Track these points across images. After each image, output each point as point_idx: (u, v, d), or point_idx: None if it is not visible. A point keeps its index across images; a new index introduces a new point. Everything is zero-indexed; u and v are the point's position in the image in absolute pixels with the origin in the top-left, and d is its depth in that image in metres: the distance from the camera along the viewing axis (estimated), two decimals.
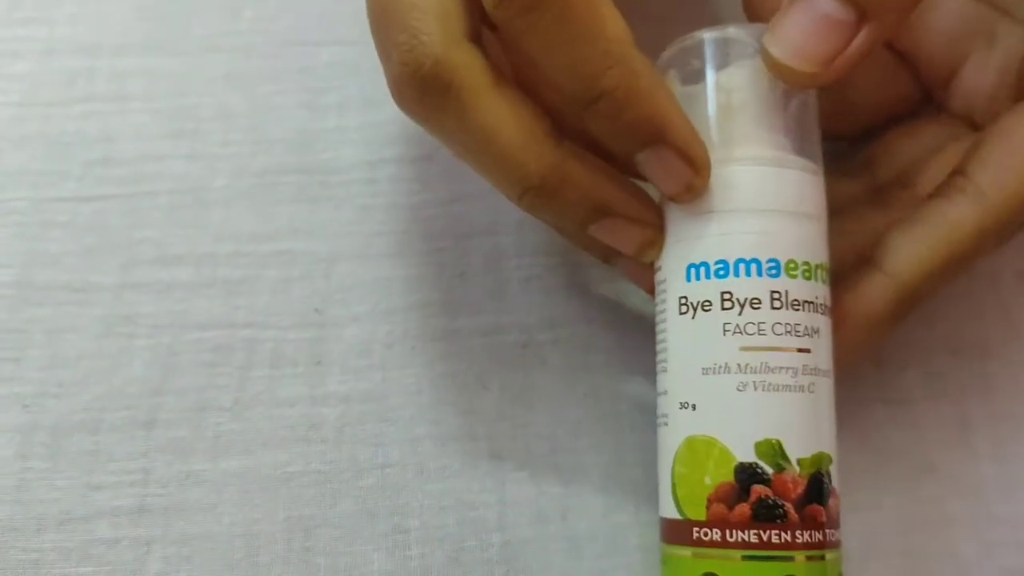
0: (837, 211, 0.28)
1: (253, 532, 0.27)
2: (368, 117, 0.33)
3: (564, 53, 0.22)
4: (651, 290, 0.26)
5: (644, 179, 0.24)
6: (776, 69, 0.23)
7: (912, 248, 0.25)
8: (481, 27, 0.23)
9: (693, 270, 0.24)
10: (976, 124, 0.29)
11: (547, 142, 0.23)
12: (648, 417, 0.29)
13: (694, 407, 0.23)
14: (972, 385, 0.30)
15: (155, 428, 0.28)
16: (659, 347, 0.25)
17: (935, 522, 0.28)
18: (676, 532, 0.24)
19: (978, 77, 0.29)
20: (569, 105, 0.23)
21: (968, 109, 0.29)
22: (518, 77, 0.24)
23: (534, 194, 0.24)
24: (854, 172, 0.30)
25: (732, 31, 0.25)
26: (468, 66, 0.22)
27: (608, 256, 0.27)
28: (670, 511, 0.24)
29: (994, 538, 0.28)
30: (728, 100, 0.24)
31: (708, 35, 0.25)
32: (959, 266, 0.26)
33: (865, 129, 0.31)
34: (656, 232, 0.25)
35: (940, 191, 0.26)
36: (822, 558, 0.23)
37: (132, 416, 0.28)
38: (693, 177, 0.23)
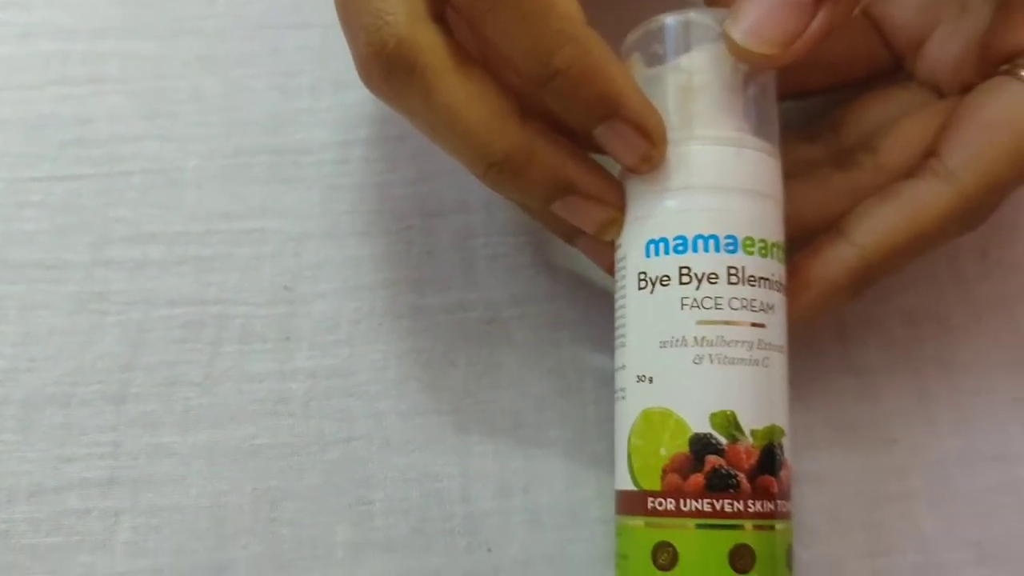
0: (801, 174, 0.28)
1: (220, 504, 0.27)
2: (339, 98, 0.33)
3: (518, 33, 0.22)
4: (611, 269, 0.26)
5: (605, 153, 0.25)
6: (737, 52, 0.24)
7: (879, 221, 0.26)
8: (446, 7, 0.24)
9: (652, 246, 0.24)
10: (942, 92, 0.29)
11: (511, 120, 0.24)
12: (611, 393, 0.29)
13: (651, 380, 0.24)
14: (932, 358, 0.30)
15: (125, 402, 0.28)
16: (618, 322, 0.25)
17: (895, 495, 0.28)
18: (631, 503, 0.24)
19: (945, 46, 0.29)
20: (527, 84, 0.23)
21: (934, 77, 0.29)
22: (485, 56, 0.25)
23: (498, 171, 0.24)
24: (819, 137, 0.30)
25: (694, 15, 0.25)
26: (432, 46, 0.23)
27: (570, 235, 0.27)
28: (625, 483, 0.24)
29: (955, 511, 0.28)
30: (689, 82, 0.25)
31: (671, 19, 0.25)
32: (924, 245, 0.26)
33: (832, 87, 0.31)
34: (617, 211, 0.25)
35: (913, 171, 0.26)
36: (772, 528, 0.23)
37: (103, 390, 0.28)
38: (650, 149, 0.24)
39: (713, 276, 0.23)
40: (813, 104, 0.31)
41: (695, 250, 0.24)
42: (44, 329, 0.29)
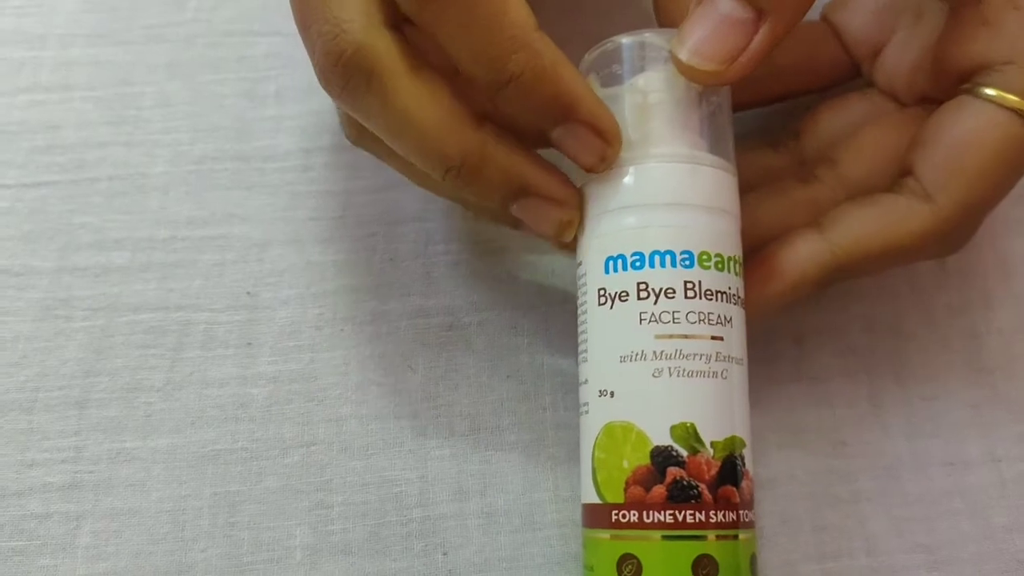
0: (762, 184, 0.29)
1: (180, 508, 0.28)
2: (305, 106, 0.34)
3: (470, 41, 0.23)
4: (550, 232, 0.26)
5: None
6: (684, 70, 0.24)
7: (856, 225, 0.26)
8: (402, 15, 0.24)
9: (611, 262, 0.25)
10: (900, 100, 0.30)
11: (466, 124, 0.24)
12: (569, 398, 0.29)
13: (612, 394, 0.24)
14: (886, 365, 0.30)
15: (88, 407, 0.29)
16: (580, 338, 0.26)
17: (846, 498, 0.28)
18: (596, 516, 0.24)
19: (901, 53, 0.29)
20: (482, 91, 0.24)
21: (891, 85, 0.30)
22: (441, 63, 0.25)
23: (455, 174, 0.24)
24: (781, 144, 0.30)
25: (649, 36, 0.26)
26: (388, 52, 0.23)
27: (517, 222, 0.27)
28: (590, 496, 0.24)
29: (905, 515, 0.28)
30: (645, 101, 0.25)
31: (626, 40, 0.26)
32: (897, 257, 0.27)
33: (795, 94, 0.31)
34: (574, 212, 0.25)
35: (892, 187, 0.27)
36: (735, 537, 0.24)
37: (66, 395, 0.29)
38: (606, 148, 0.24)
39: (670, 291, 0.24)
40: (775, 110, 0.32)
41: (652, 266, 0.24)
42: (9, 335, 0.30)
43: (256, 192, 0.32)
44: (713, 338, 0.24)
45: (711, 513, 0.23)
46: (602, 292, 0.25)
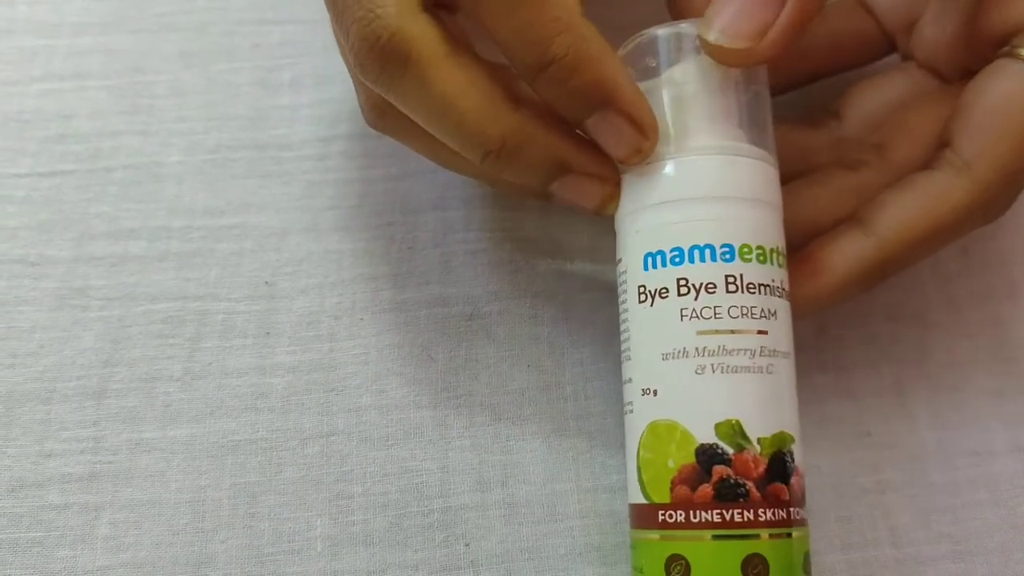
0: (802, 165, 0.28)
1: (199, 499, 0.27)
2: (320, 94, 0.33)
3: (514, 21, 0.22)
4: (597, 209, 0.26)
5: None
6: (712, 51, 0.24)
7: (898, 212, 0.26)
8: None
9: (650, 259, 0.24)
10: (942, 75, 0.29)
11: (505, 105, 0.24)
12: (590, 387, 0.29)
13: (655, 392, 0.24)
14: (910, 354, 0.30)
15: (106, 397, 0.28)
16: (623, 336, 0.25)
17: (871, 489, 0.28)
18: (643, 516, 0.24)
19: (938, 25, 0.29)
20: (521, 73, 0.23)
21: (931, 58, 0.29)
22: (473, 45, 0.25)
23: (495, 157, 0.24)
24: (821, 123, 0.30)
25: (684, 27, 0.25)
26: (425, 36, 0.23)
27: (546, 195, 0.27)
28: (637, 496, 0.24)
29: (931, 505, 0.28)
30: (681, 93, 0.25)
31: (661, 31, 0.25)
32: (943, 237, 0.26)
33: (830, 72, 0.31)
34: (614, 187, 0.25)
35: (929, 163, 0.26)
36: (788, 535, 0.23)
37: (83, 386, 0.29)
38: (642, 141, 0.24)
39: (711, 286, 0.23)
40: (813, 87, 0.31)
41: (692, 261, 0.24)
42: (26, 325, 0.29)
43: (273, 181, 0.32)
44: (758, 332, 0.23)
45: (760, 511, 0.23)
46: (642, 289, 0.24)
